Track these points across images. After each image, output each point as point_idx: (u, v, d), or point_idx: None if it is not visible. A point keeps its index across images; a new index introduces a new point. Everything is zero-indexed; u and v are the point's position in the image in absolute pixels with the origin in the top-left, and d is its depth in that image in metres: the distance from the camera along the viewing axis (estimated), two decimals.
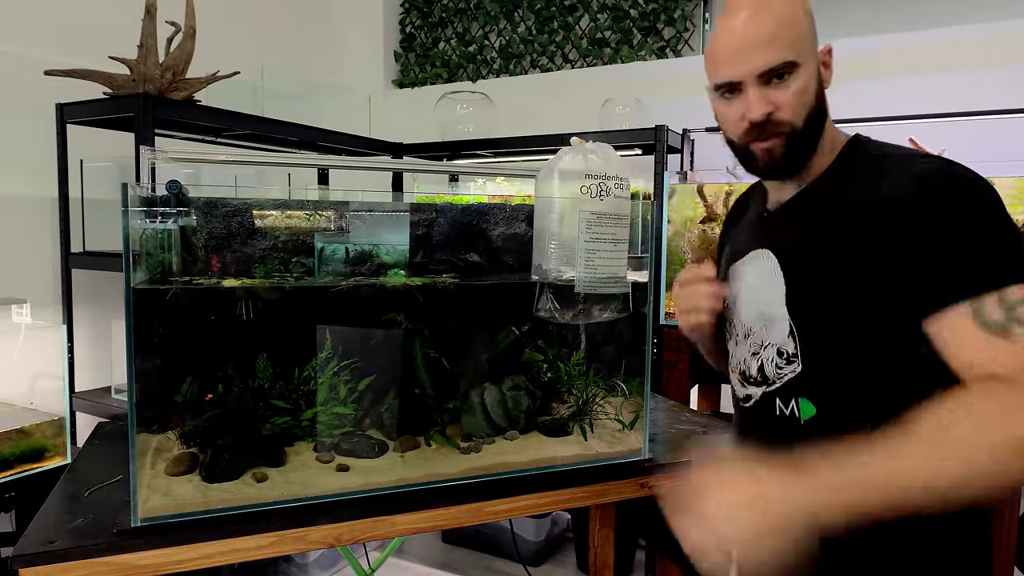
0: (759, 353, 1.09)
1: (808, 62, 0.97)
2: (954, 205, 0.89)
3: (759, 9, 0.97)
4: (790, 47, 0.95)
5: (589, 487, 1.34)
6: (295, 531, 1.13)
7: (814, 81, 0.98)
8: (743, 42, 0.97)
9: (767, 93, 0.97)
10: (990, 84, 2.40)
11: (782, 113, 0.98)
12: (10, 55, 2.19)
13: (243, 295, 1.22)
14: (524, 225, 1.40)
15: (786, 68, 0.96)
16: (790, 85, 0.97)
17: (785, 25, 0.95)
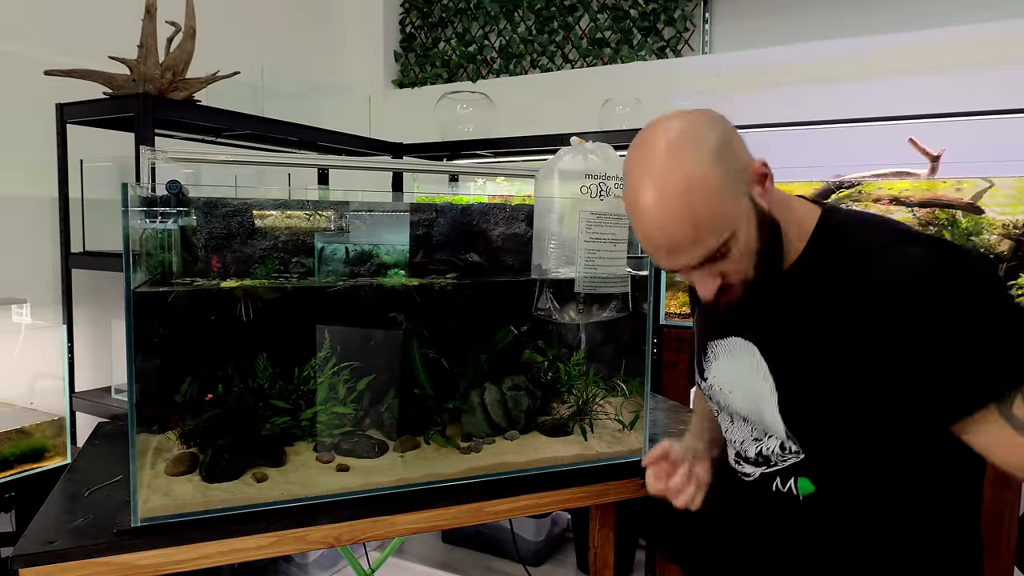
0: (761, 440, 1.06)
1: (742, 220, 0.89)
2: (958, 301, 0.84)
3: (661, 209, 0.87)
4: (716, 232, 0.87)
5: (589, 487, 1.34)
6: (295, 531, 1.13)
7: (751, 226, 0.90)
8: (667, 244, 0.89)
9: (709, 268, 0.91)
10: (985, 85, 2.39)
11: (732, 278, 0.93)
12: (10, 55, 2.19)
13: (243, 295, 1.22)
14: (524, 225, 1.40)
15: (721, 249, 0.89)
16: (731, 254, 0.90)
17: (700, 216, 0.86)
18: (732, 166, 0.88)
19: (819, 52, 2.66)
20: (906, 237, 0.91)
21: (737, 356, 1.06)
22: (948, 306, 0.84)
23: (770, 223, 0.93)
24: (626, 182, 0.92)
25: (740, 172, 0.89)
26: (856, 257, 0.92)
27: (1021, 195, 1.94)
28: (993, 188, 1.98)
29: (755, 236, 0.91)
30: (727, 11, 3.07)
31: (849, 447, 0.95)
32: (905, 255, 0.88)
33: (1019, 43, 2.37)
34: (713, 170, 0.86)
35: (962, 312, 0.84)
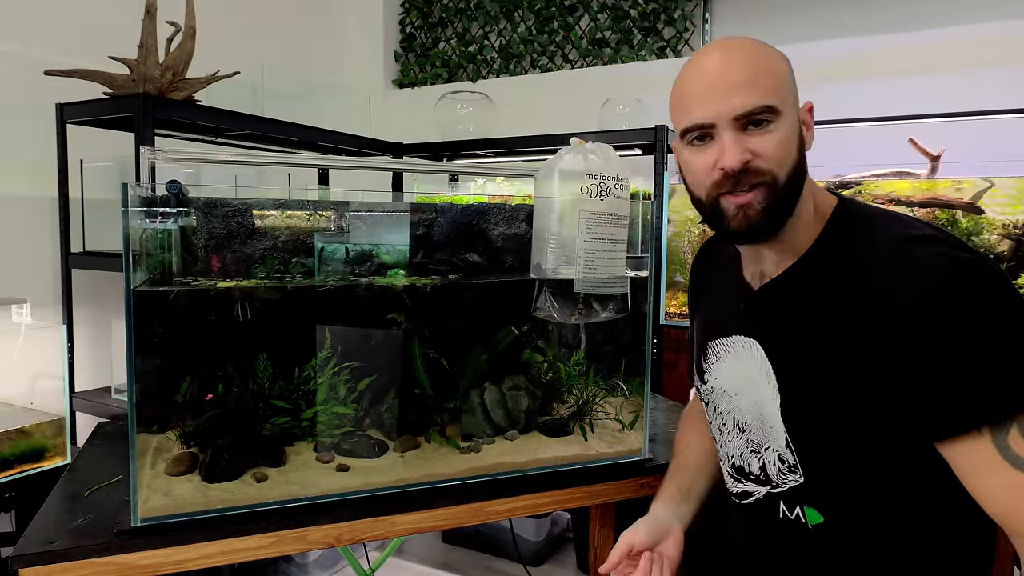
0: (760, 453, 1.01)
1: (789, 113, 0.88)
2: (967, 315, 0.79)
3: (733, 51, 0.89)
4: (771, 92, 0.86)
5: (589, 487, 1.34)
6: (295, 531, 1.13)
7: (795, 135, 0.89)
8: (717, 82, 0.87)
9: (744, 139, 0.87)
10: (985, 85, 2.39)
11: (761, 162, 0.86)
12: (10, 55, 2.19)
13: (243, 295, 1.22)
14: (524, 225, 1.40)
15: (766, 113, 0.86)
16: (771, 133, 0.86)
17: (763, 70, 0.87)
18: (795, 84, 0.92)
19: (819, 52, 2.66)
20: (922, 237, 0.85)
21: (740, 355, 1.02)
22: (956, 319, 0.79)
23: (803, 169, 0.91)
24: (688, 64, 0.93)
25: (797, 96, 0.92)
26: (868, 254, 0.88)
27: (1021, 195, 1.94)
28: (993, 188, 1.98)
29: (796, 146, 0.89)
30: (727, 11, 3.07)
31: (850, 465, 0.90)
32: (918, 259, 0.83)
33: (1019, 43, 2.37)
34: (783, 63, 0.91)
35: (969, 327, 0.79)
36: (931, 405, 0.82)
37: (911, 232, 0.87)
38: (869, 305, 0.84)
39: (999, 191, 1.97)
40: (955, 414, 0.81)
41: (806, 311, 0.92)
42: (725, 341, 1.06)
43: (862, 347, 0.85)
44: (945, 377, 0.80)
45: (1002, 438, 0.78)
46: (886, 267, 0.85)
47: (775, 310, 0.97)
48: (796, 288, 0.94)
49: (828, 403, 0.90)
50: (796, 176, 0.89)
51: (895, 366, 0.83)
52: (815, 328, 0.90)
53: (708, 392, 1.12)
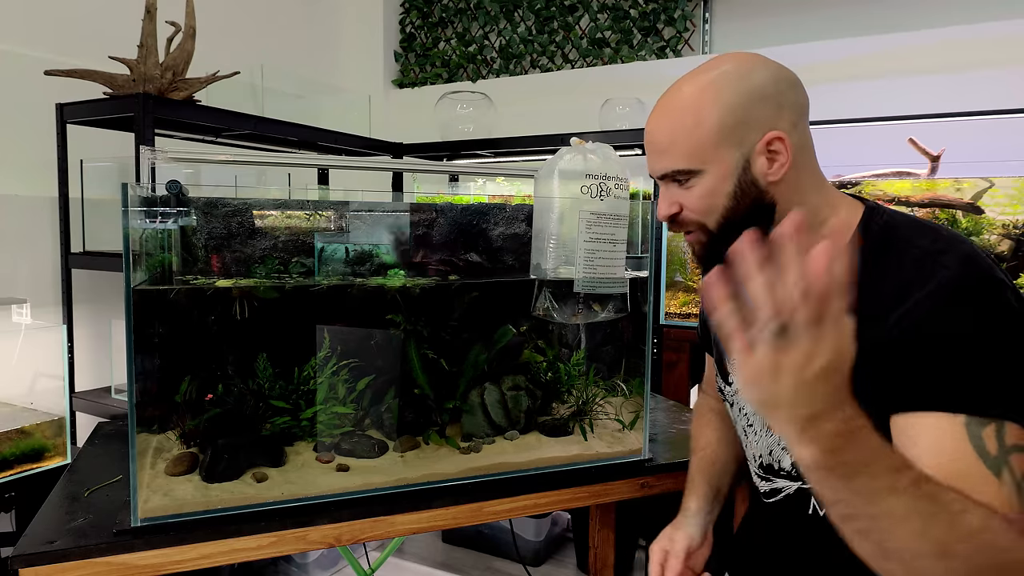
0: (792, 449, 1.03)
1: (714, 165, 0.92)
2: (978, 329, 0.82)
3: (661, 115, 0.95)
4: (683, 156, 0.93)
5: (589, 487, 1.34)
6: (295, 531, 1.13)
7: (729, 182, 0.92)
8: (649, 143, 0.97)
9: (672, 192, 0.97)
10: (985, 85, 2.40)
11: (688, 212, 0.96)
12: (10, 55, 2.19)
13: (243, 295, 1.22)
14: (524, 225, 1.40)
15: (682, 175, 0.94)
16: (693, 188, 0.94)
17: (680, 132, 0.92)
18: (742, 119, 0.91)
19: (819, 52, 2.66)
20: (942, 250, 0.87)
21: None
22: (967, 330, 0.82)
23: (762, 202, 0.93)
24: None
25: (748, 131, 0.91)
26: (888, 266, 0.89)
27: (1021, 195, 1.94)
28: (993, 188, 1.98)
29: (727, 193, 0.92)
30: (727, 11, 3.07)
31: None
32: (937, 272, 0.85)
33: (1019, 43, 2.37)
34: (715, 109, 0.91)
35: (977, 337, 0.81)
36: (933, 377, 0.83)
37: (928, 244, 0.88)
38: (887, 307, 0.86)
39: (999, 191, 1.97)
40: (951, 390, 0.82)
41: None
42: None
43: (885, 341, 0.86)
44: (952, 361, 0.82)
45: (978, 434, 0.80)
46: (904, 279, 0.87)
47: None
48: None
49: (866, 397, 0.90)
50: (735, 219, 0.93)
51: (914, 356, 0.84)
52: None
53: (733, 393, 1.12)
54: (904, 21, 2.68)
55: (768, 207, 0.94)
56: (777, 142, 0.91)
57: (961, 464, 0.79)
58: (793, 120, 0.92)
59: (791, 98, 0.92)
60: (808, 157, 0.95)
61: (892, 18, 2.72)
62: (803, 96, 0.95)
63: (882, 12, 2.74)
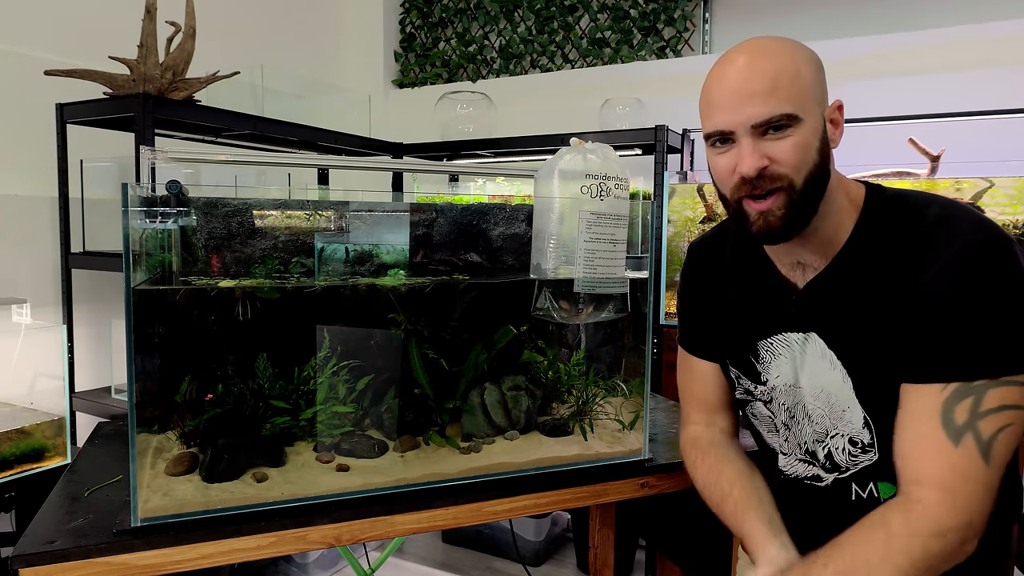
0: (824, 441, 1.04)
1: (810, 117, 0.91)
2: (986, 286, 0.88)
3: (756, 58, 0.91)
4: (789, 100, 0.89)
5: (589, 487, 1.34)
6: (295, 531, 1.13)
7: (816, 138, 0.91)
8: (738, 90, 0.90)
9: (762, 145, 0.90)
10: (985, 85, 2.40)
11: (778, 167, 0.90)
12: (10, 55, 2.19)
13: (243, 295, 1.22)
14: (524, 225, 1.40)
15: (784, 121, 0.90)
16: (788, 138, 0.90)
17: (784, 76, 0.89)
18: (820, 82, 0.95)
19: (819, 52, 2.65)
20: (954, 216, 0.92)
21: (798, 350, 1.04)
22: (977, 288, 0.87)
23: (826, 167, 0.95)
24: (715, 66, 0.98)
25: (824, 95, 0.95)
26: (903, 235, 0.94)
27: (1021, 195, 1.94)
28: (993, 188, 1.98)
29: (816, 148, 0.92)
30: (727, 11, 3.07)
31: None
32: (953, 240, 0.89)
33: (1019, 43, 2.37)
34: (809, 66, 0.93)
35: (991, 294, 0.87)
36: (930, 350, 0.90)
37: (937, 211, 0.93)
38: (911, 279, 0.91)
39: (999, 191, 1.97)
40: (943, 362, 0.89)
41: (857, 297, 0.97)
42: (777, 339, 1.07)
43: (911, 316, 0.92)
44: (954, 330, 0.88)
45: (953, 401, 0.87)
46: (921, 245, 0.92)
47: (828, 302, 1.00)
48: (844, 278, 0.98)
49: (895, 371, 0.94)
50: (817, 178, 0.93)
51: (933, 322, 0.90)
52: (869, 311, 0.96)
53: (768, 391, 1.10)
54: (904, 21, 2.68)
55: (826, 178, 0.96)
56: (839, 111, 0.96)
57: (923, 431, 0.88)
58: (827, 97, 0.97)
59: (824, 77, 0.98)
60: (834, 139, 0.99)
61: (892, 18, 2.72)
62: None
63: (882, 12, 2.74)
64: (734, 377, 1.18)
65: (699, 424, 1.24)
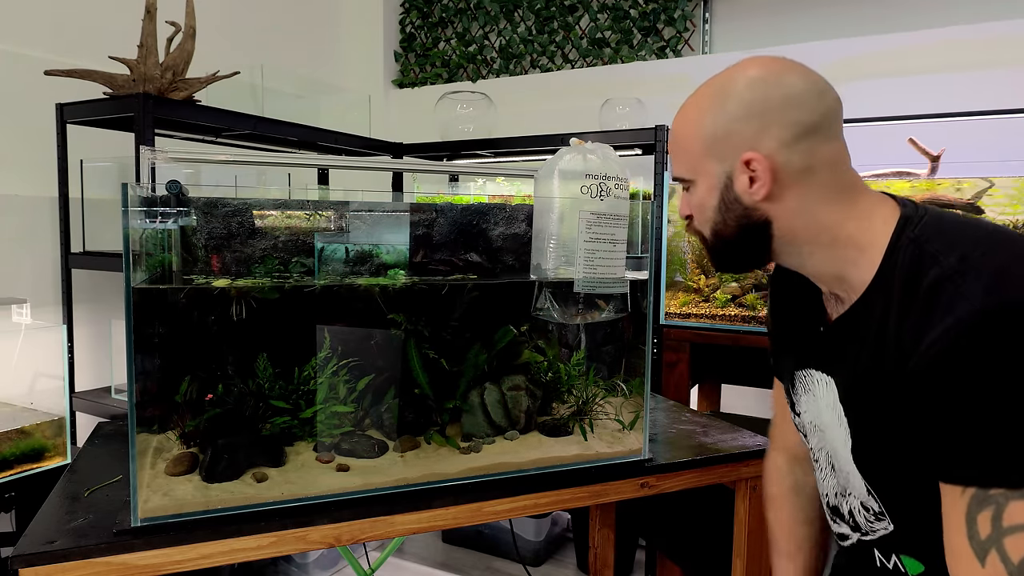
0: (846, 497, 0.99)
1: (703, 177, 0.92)
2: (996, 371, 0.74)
3: (675, 119, 0.97)
4: (681, 163, 0.95)
5: (589, 487, 1.34)
6: (295, 531, 1.13)
7: (713, 196, 0.91)
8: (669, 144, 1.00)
9: (685, 195, 0.99)
10: (985, 85, 2.40)
11: (696, 217, 0.97)
12: (10, 55, 2.19)
13: (243, 295, 1.22)
14: (524, 225, 1.40)
15: (683, 180, 0.97)
16: (692, 196, 0.96)
17: (681, 139, 0.94)
18: (723, 136, 0.88)
19: (819, 52, 2.66)
20: (964, 271, 0.78)
21: (817, 393, 0.99)
22: (973, 370, 0.75)
23: (750, 220, 0.90)
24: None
25: (728, 148, 0.88)
26: (908, 295, 0.82)
27: (1021, 195, 1.94)
28: (993, 188, 1.98)
29: (713, 207, 0.93)
30: (727, 11, 3.07)
31: (936, 511, 0.83)
32: (956, 304, 0.76)
33: (1019, 43, 2.37)
34: (705, 121, 0.90)
35: (997, 384, 0.74)
36: (940, 446, 0.80)
37: (954, 263, 0.79)
38: (907, 350, 0.81)
39: (999, 191, 1.97)
40: (954, 463, 0.79)
41: (866, 354, 0.88)
42: (804, 374, 1.02)
43: (904, 394, 0.82)
44: (956, 426, 0.77)
45: (975, 509, 0.76)
46: (920, 309, 0.80)
47: (845, 347, 0.92)
48: (861, 326, 0.89)
49: (897, 448, 0.86)
50: (728, 231, 0.93)
51: (925, 408, 0.80)
52: (872, 374, 0.87)
53: (801, 426, 1.07)
54: (904, 21, 2.68)
55: (759, 224, 0.90)
56: (754, 163, 0.86)
57: (955, 542, 0.78)
58: (785, 139, 0.85)
59: (789, 116, 0.85)
60: (818, 175, 0.87)
61: (892, 18, 2.71)
62: (808, 112, 0.86)
63: (882, 12, 2.74)
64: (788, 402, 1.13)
65: (779, 454, 1.22)
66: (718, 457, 1.45)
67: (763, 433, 1.58)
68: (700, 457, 1.43)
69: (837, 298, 0.94)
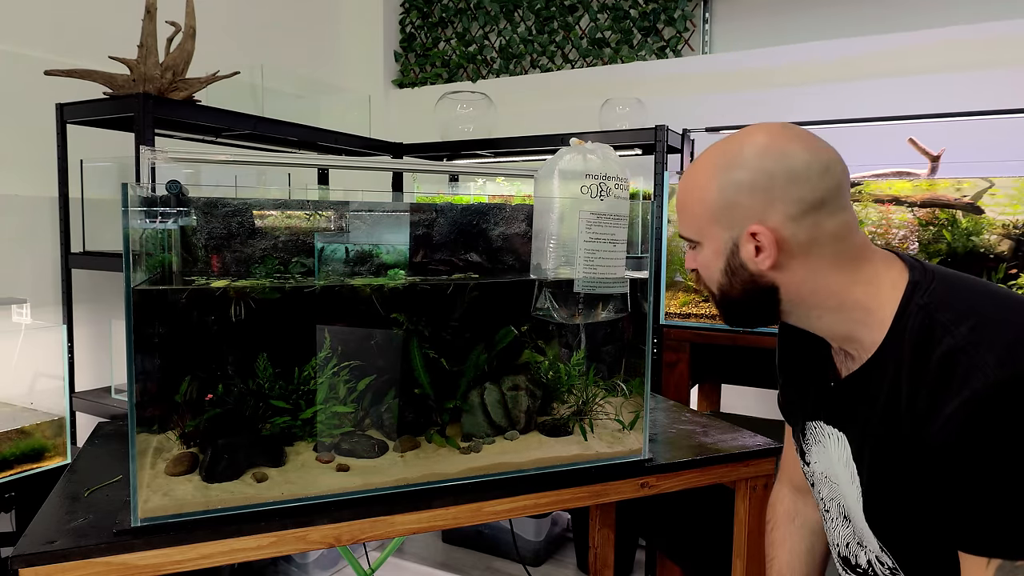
0: (864, 547, 0.99)
1: (709, 240, 0.94)
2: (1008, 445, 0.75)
3: (683, 180, 0.99)
4: (688, 225, 0.97)
5: (589, 487, 1.34)
6: (295, 531, 1.13)
7: (720, 259, 0.93)
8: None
9: (692, 253, 0.99)
10: (986, 85, 2.40)
11: (702, 276, 0.99)
12: (10, 55, 2.19)
13: (243, 295, 1.22)
14: (524, 225, 1.40)
15: (689, 240, 0.98)
16: (698, 256, 0.97)
17: (689, 201, 0.96)
18: (731, 205, 0.90)
19: (819, 52, 2.66)
20: (977, 343, 0.79)
21: (828, 446, 1.00)
22: (991, 442, 0.76)
23: (756, 285, 0.92)
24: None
25: (735, 217, 0.90)
26: (919, 366, 0.82)
27: (1021, 195, 1.94)
28: (993, 188, 1.98)
29: (719, 269, 0.94)
30: (727, 11, 3.07)
31: (950, 570, 0.85)
32: (970, 377, 0.77)
33: (1019, 43, 2.37)
34: (713, 188, 0.91)
35: (1016, 455, 0.75)
36: (962, 518, 0.80)
37: (965, 333, 0.80)
38: (921, 422, 0.82)
39: (999, 191, 1.97)
40: (978, 536, 0.79)
41: (878, 418, 0.89)
42: (818, 426, 1.02)
43: (921, 466, 0.83)
44: (979, 499, 0.78)
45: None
46: (933, 382, 0.81)
47: (856, 406, 0.93)
48: (871, 389, 0.90)
49: (909, 509, 0.87)
50: (735, 293, 0.94)
51: (944, 480, 0.81)
52: (885, 441, 0.88)
53: (810, 475, 1.08)
54: (904, 21, 2.68)
55: (766, 289, 0.92)
56: (760, 235, 0.88)
57: None
58: (791, 213, 0.86)
59: (791, 192, 0.86)
60: (824, 246, 0.88)
61: (892, 18, 2.71)
62: (812, 189, 0.86)
63: (882, 12, 2.74)
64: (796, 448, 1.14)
65: (784, 485, 1.25)
66: (718, 457, 1.45)
67: (763, 433, 1.59)
68: (700, 457, 1.43)
69: (847, 354, 0.95)
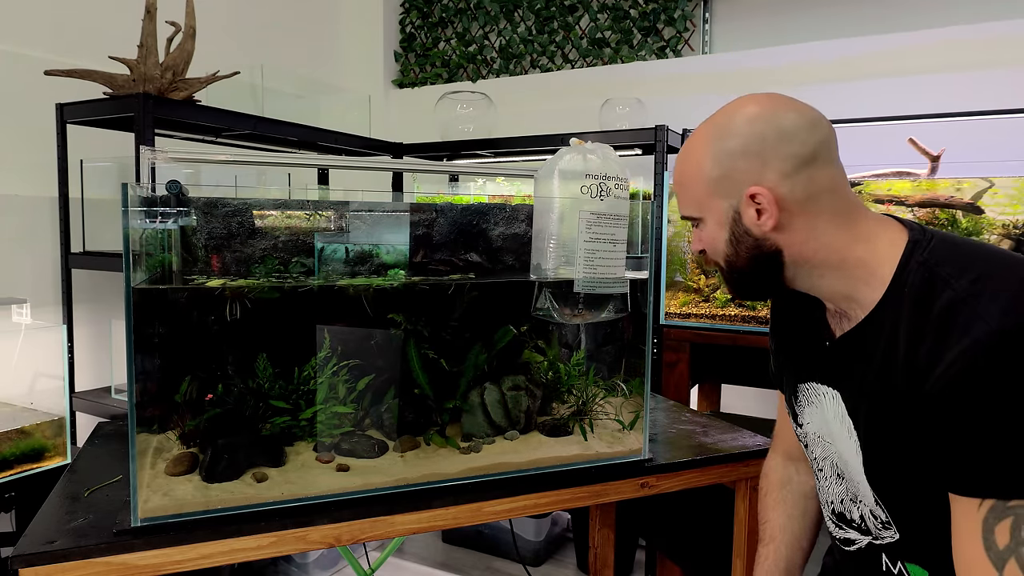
0: (857, 503, 1.01)
1: (710, 213, 0.96)
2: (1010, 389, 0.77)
3: (678, 159, 1.01)
4: (688, 202, 0.99)
5: (589, 487, 1.34)
6: (295, 531, 1.13)
7: (723, 230, 0.95)
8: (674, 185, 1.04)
9: (695, 232, 1.02)
10: (986, 85, 2.40)
11: (708, 251, 1.00)
12: (10, 55, 2.19)
13: (243, 295, 1.22)
14: (524, 225, 1.40)
15: (692, 218, 1.00)
16: (702, 232, 0.99)
17: (685, 179, 0.98)
18: (726, 173, 0.93)
19: (819, 52, 2.66)
20: (979, 293, 0.80)
21: (823, 405, 1.02)
22: (996, 392, 0.77)
23: (761, 250, 0.94)
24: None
25: (733, 184, 0.93)
26: (920, 318, 0.84)
27: (1021, 195, 1.94)
28: (993, 188, 1.98)
29: (724, 240, 0.96)
30: (727, 11, 3.07)
31: (946, 523, 0.86)
32: (972, 326, 0.78)
33: (1019, 43, 2.37)
34: (707, 161, 0.94)
35: (1016, 401, 0.77)
36: (958, 461, 0.82)
37: (966, 286, 0.82)
38: (923, 371, 0.83)
39: (999, 191, 1.97)
40: (973, 477, 0.81)
41: (876, 371, 0.91)
42: (811, 387, 1.04)
43: (921, 413, 0.85)
44: (976, 441, 0.80)
45: (992, 520, 0.80)
46: (934, 332, 0.82)
47: (852, 363, 0.95)
48: (869, 344, 0.92)
49: (907, 462, 0.89)
50: (742, 262, 0.97)
51: (942, 426, 0.83)
52: (884, 392, 0.90)
53: (803, 436, 1.10)
54: (904, 21, 2.68)
55: (771, 254, 0.95)
56: (759, 196, 0.91)
57: (969, 552, 0.81)
58: (785, 171, 0.89)
59: (783, 150, 0.89)
60: (821, 201, 0.91)
61: (892, 18, 2.71)
62: (802, 144, 0.89)
63: (882, 12, 2.74)
64: (788, 412, 1.16)
65: (777, 454, 1.28)
66: (718, 457, 1.45)
67: (763, 433, 1.59)
68: (700, 457, 1.43)
69: (843, 315, 0.97)
